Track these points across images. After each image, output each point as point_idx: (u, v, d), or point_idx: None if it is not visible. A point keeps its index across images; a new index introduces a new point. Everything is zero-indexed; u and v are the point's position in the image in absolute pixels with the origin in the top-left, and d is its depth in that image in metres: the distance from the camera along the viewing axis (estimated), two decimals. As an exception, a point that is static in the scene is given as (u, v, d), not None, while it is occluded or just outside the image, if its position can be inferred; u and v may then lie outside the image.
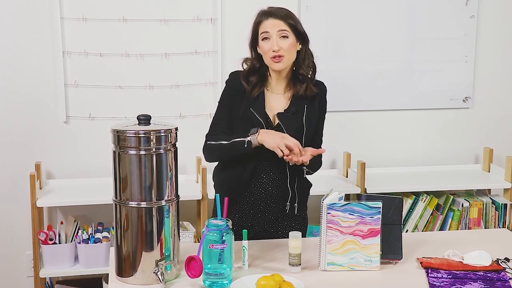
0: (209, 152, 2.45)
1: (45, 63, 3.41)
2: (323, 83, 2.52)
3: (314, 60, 2.49)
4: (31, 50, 3.39)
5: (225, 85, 2.51)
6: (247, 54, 2.48)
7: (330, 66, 3.66)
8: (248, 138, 2.31)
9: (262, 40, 2.38)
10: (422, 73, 3.79)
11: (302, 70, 2.43)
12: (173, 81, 3.53)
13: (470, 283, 2.01)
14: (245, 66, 2.48)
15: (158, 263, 1.97)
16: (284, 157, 2.29)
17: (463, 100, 3.85)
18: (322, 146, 2.55)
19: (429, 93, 3.81)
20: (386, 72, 3.75)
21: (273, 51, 2.34)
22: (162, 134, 1.97)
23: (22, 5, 3.35)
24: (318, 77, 2.52)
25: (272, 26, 2.35)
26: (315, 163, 2.47)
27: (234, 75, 2.49)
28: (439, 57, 3.78)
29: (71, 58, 3.42)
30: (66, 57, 3.41)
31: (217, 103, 2.51)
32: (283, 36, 2.35)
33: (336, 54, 3.69)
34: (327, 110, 2.54)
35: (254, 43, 2.43)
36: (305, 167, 2.40)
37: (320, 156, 2.52)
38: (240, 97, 2.44)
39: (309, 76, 2.44)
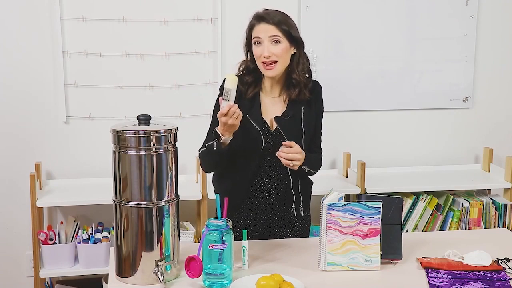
0: (201, 161, 2.45)
1: (45, 63, 3.41)
2: (318, 83, 2.50)
3: (311, 65, 2.46)
4: (31, 50, 3.39)
5: (219, 91, 2.48)
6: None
7: (330, 66, 3.66)
8: (213, 142, 2.28)
9: (255, 44, 2.36)
10: (422, 73, 3.79)
11: (295, 75, 2.39)
12: (173, 81, 3.53)
13: (470, 283, 2.01)
14: (241, 69, 2.45)
15: (158, 263, 1.97)
16: (284, 163, 2.29)
17: (463, 100, 3.85)
18: (322, 146, 2.55)
19: (429, 93, 3.81)
20: (386, 72, 3.75)
21: (264, 56, 2.32)
22: (162, 134, 1.97)
23: (22, 5, 3.35)
24: (318, 77, 2.52)
25: (264, 31, 2.33)
26: (316, 162, 2.47)
27: None
28: (439, 57, 3.78)
29: (71, 58, 3.42)
30: (66, 57, 3.41)
31: (212, 112, 2.49)
32: (276, 41, 2.32)
33: (336, 54, 3.69)
34: (324, 109, 2.52)
35: (248, 45, 2.42)
36: (305, 166, 2.40)
37: (319, 155, 2.52)
38: (235, 101, 2.43)
39: (303, 81, 2.40)
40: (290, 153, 2.29)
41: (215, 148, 2.28)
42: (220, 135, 2.25)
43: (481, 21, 3.79)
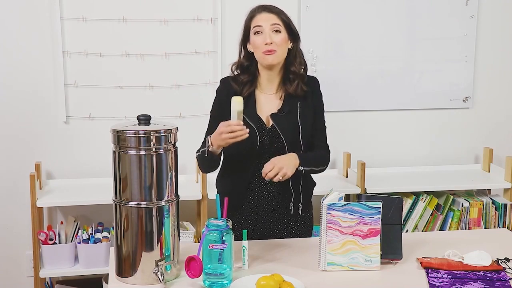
0: (198, 163, 2.46)
1: (45, 63, 3.41)
2: (315, 77, 2.51)
3: (308, 59, 2.47)
4: (31, 50, 3.39)
5: (215, 94, 2.49)
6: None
7: (330, 66, 3.66)
8: (205, 149, 2.30)
9: (255, 34, 2.36)
10: (422, 73, 3.79)
11: (294, 68, 2.41)
12: (173, 81, 3.53)
13: (470, 283, 2.01)
14: (233, 69, 2.46)
15: (158, 263, 1.97)
16: (275, 180, 2.27)
17: (463, 100, 3.85)
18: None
19: (429, 93, 3.81)
20: (386, 72, 3.75)
21: (266, 43, 2.32)
22: (162, 134, 1.97)
23: (22, 5, 3.35)
24: (318, 77, 2.52)
25: (265, 20, 2.35)
26: (315, 160, 2.43)
27: (223, 81, 2.48)
28: (439, 57, 3.78)
29: (71, 58, 3.42)
30: (66, 57, 3.41)
31: (209, 113, 2.49)
32: (276, 31, 2.34)
33: (336, 54, 3.69)
34: (325, 110, 2.51)
35: (245, 40, 2.42)
36: (301, 167, 2.36)
37: (324, 151, 2.49)
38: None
39: (300, 73, 2.42)
40: (269, 170, 2.25)
41: (206, 155, 2.31)
42: (210, 144, 2.27)
43: (481, 21, 3.79)
